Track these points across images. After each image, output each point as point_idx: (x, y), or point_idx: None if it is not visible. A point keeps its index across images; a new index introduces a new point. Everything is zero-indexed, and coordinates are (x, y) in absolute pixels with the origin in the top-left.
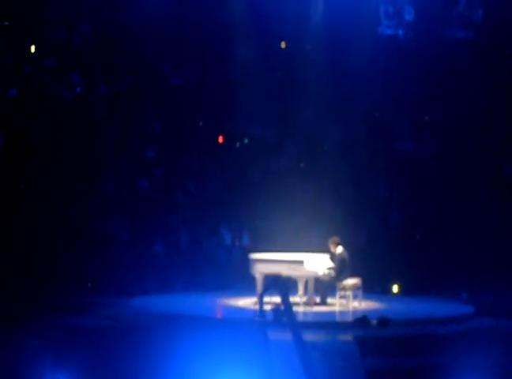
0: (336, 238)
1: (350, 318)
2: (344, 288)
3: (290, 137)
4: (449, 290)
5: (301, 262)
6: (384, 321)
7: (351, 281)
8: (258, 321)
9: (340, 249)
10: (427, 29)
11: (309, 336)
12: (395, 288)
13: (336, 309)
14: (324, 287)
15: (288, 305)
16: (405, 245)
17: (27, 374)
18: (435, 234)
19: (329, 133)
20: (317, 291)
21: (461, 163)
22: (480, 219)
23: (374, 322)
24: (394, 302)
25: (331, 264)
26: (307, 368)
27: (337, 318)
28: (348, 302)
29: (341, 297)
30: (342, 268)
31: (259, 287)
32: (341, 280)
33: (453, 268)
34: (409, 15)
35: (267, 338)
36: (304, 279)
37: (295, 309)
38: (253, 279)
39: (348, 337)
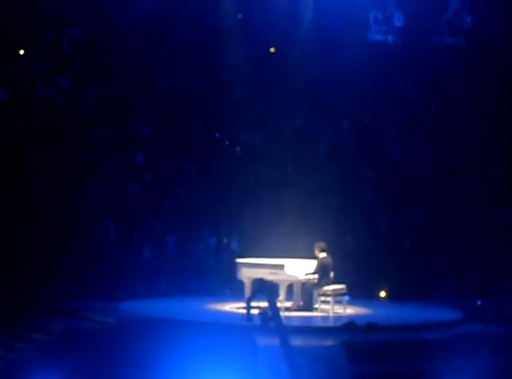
0: (320, 244)
1: (331, 324)
2: (325, 294)
3: (278, 143)
4: (436, 296)
5: (282, 267)
6: (371, 327)
7: (332, 287)
8: (246, 326)
9: (322, 255)
10: (417, 35)
11: (296, 341)
12: (382, 294)
13: (318, 314)
14: (307, 292)
15: (275, 310)
16: (393, 251)
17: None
18: (423, 240)
19: (317, 138)
20: (302, 296)
21: (449, 169)
22: (468, 225)
23: (358, 328)
24: (381, 307)
25: (312, 270)
26: (294, 373)
27: (318, 323)
28: (330, 308)
29: (323, 302)
30: (323, 274)
31: (247, 291)
32: (322, 286)
33: (440, 273)
34: (399, 21)
35: (254, 343)
36: (286, 284)
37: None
38: (241, 284)
39: (333, 342)
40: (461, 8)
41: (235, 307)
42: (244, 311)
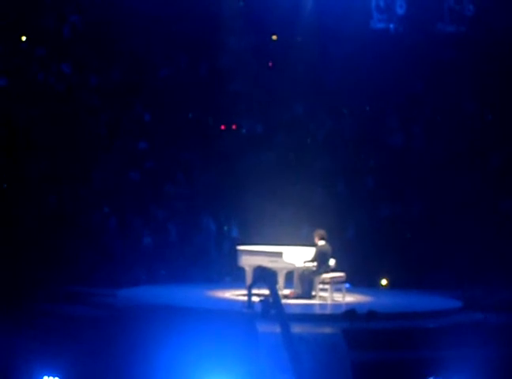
0: (320, 231)
1: (329, 311)
2: (323, 281)
3: (279, 130)
4: (437, 285)
5: (280, 254)
6: (372, 315)
7: (330, 274)
8: (246, 313)
9: (321, 243)
10: (419, 23)
11: (296, 329)
12: (384, 282)
13: (316, 302)
14: (306, 280)
15: (276, 297)
16: (394, 239)
17: (18, 363)
18: (424, 229)
19: (318, 126)
20: (301, 284)
21: (450, 157)
22: (469, 214)
23: (359, 316)
24: (382, 295)
25: (311, 257)
26: (295, 360)
27: (315, 311)
28: (328, 296)
29: (321, 290)
30: (321, 262)
31: (248, 278)
32: (320, 274)
33: (441, 262)
34: (401, 9)
35: (255, 330)
36: (284, 271)
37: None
38: (241, 272)
39: (334, 330)
40: None
41: (235, 294)
42: (245, 298)
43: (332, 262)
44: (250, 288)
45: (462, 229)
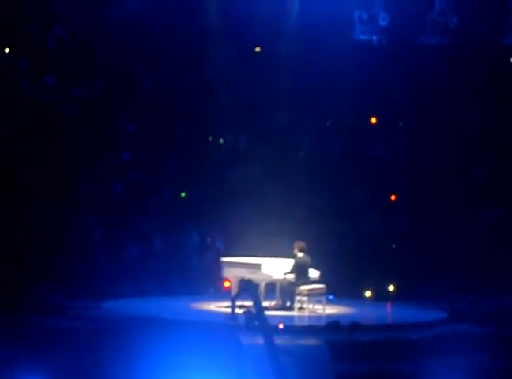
0: (300, 243)
1: (308, 323)
2: (301, 293)
3: (263, 143)
4: (422, 296)
5: (258, 266)
6: (355, 326)
7: (308, 286)
8: (230, 325)
9: (300, 254)
10: (402, 35)
11: (279, 340)
12: (367, 294)
13: (294, 314)
14: (285, 292)
15: (259, 309)
16: (378, 250)
17: (3, 374)
18: (409, 240)
19: (303, 138)
20: (281, 295)
21: (435, 169)
22: (453, 225)
23: (343, 327)
24: (365, 307)
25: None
26: (278, 372)
27: (295, 323)
28: (306, 308)
29: (299, 301)
30: (299, 273)
31: (234, 290)
32: (299, 285)
33: (426, 273)
34: (384, 21)
35: (239, 341)
36: (263, 283)
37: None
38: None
39: (318, 342)
40: (447, 8)
41: (219, 306)
42: (229, 310)
43: (316, 274)
44: (233, 300)
45: (447, 240)
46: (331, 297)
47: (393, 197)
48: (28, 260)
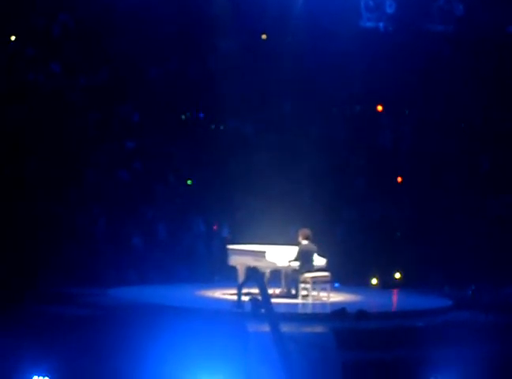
0: (304, 230)
1: (311, 310)
2: (304, 281)
3: (269, 130)
4: (427, 284)
5: (263, 253)
6: (362, 314)
7: (312, 274)
8: (236, 312)
9: (304, 242)
10: (408, 22)
11: (285, 328)
12: (374, 281)
13: (298, 301)
14: (290, 279)
15: (265, 296)
16: (384, 238)
17: (8, 363)
18: (414, 228)
19: (309, 126)
20: (285, 283)
21: (441, 156)
22: (458, 214)
23: (349, 315)
24: (372, 295)
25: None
26: (285, 359)
27: (299, 310)
28: (310, 295)
29: (303, 289)
30: (304, 261)
31: (240, 277)
32: (303, 273)
33: (430, 261)
34: (390, 8)
35: (245, 329)
36: (268, 270)
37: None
38: (231, 271)
39: (324, 329)
40: None
41: (225, 293)
42: (235, 298)
43: (322, 262)
44: (240, 287)
45: (451, 229)
46: (337, 284)
47: (399, 180)
48: (32, 248)
